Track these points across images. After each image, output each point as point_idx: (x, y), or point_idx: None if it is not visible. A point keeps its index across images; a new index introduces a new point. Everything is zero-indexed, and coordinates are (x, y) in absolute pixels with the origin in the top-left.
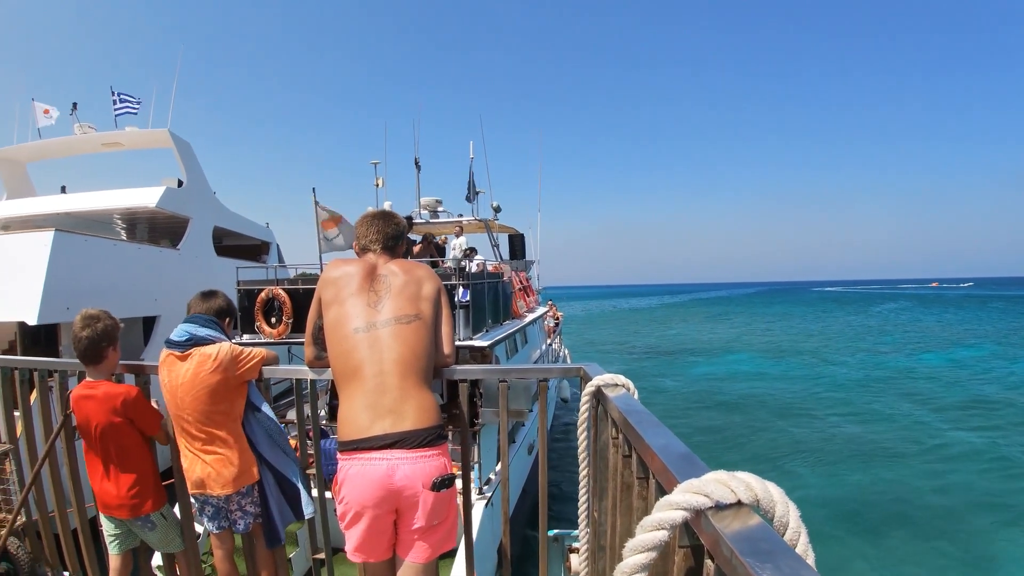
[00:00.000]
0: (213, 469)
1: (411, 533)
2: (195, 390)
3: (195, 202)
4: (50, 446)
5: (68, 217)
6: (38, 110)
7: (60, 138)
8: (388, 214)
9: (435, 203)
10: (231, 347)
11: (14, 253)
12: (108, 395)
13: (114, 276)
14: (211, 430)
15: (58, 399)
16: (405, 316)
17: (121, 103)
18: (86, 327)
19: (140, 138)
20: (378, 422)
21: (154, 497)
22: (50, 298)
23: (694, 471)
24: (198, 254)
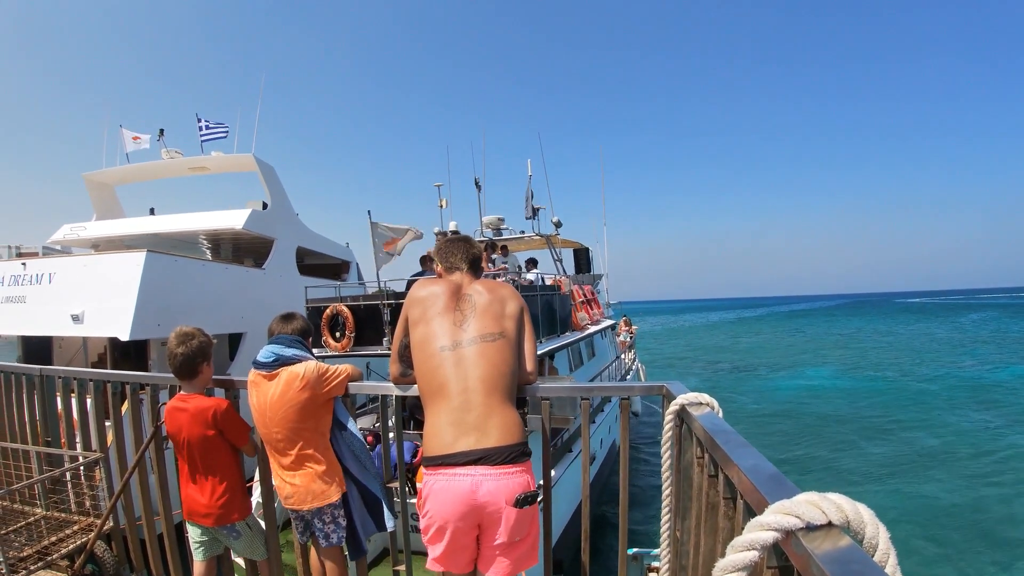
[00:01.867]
0: (302, 484)
1: (493, 549)
2: (284, 408)
3: (279, 223)
4: (140, 455)
5: (156, 238)
6: (126, 136)
7: (148, 162)
8: (469, 238)
9: (498, 221)
10: (317, 365)
11: (108, 272)
12: (200, 408)
13: (202, 294)
14: (300, 447)
15: (149, 411)
16: (490, 334)
17: (207, 129)
18: (181, 344)
19: (225, 162)
20: (462, 438)
21: (240, 507)
22: (142, 315)
23: (784, 492)
24: (282, 273)
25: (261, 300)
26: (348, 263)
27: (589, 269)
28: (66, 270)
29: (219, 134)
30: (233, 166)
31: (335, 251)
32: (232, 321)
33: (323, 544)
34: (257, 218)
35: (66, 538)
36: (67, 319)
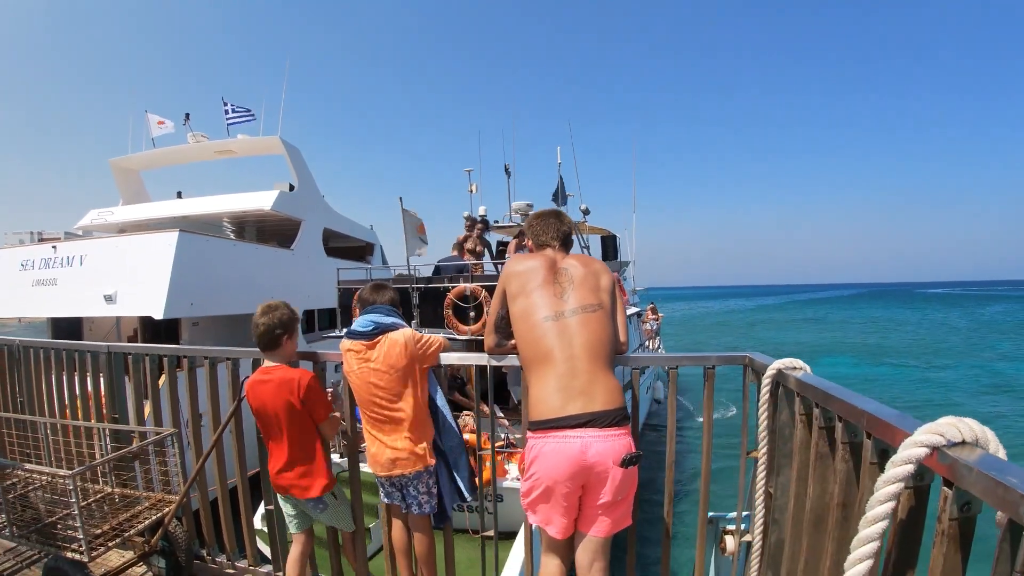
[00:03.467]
0: (403, 448)
1: (596, 508)
2: (387, 373)
3: (306, 205)
4: (222, 430)
5: (182, 221)
6: (152, 121)
7: (174, 147)
8: (560, 213)
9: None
10: (414, 332)
11: (141, 252)
12: (283, 380)
13: (232, 274)
14: (399, 413)
15: (228, 385)
16: (589, 306)
17: (233, 112)
18: (264, 315)
19: (252, 145)
20: (571, 403)
21: (325, 480)
22: (175, 294)
23: (912, 424)
24: (309, 254)
25: (289, 280)
26: (372, 245)
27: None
28: (97, 252)
29: (245, 118)
30: (259, 149)
31: (360, 233)
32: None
33: (416, 512)
34: (285, 200)
35: (138, 514)
36: (99, 300)
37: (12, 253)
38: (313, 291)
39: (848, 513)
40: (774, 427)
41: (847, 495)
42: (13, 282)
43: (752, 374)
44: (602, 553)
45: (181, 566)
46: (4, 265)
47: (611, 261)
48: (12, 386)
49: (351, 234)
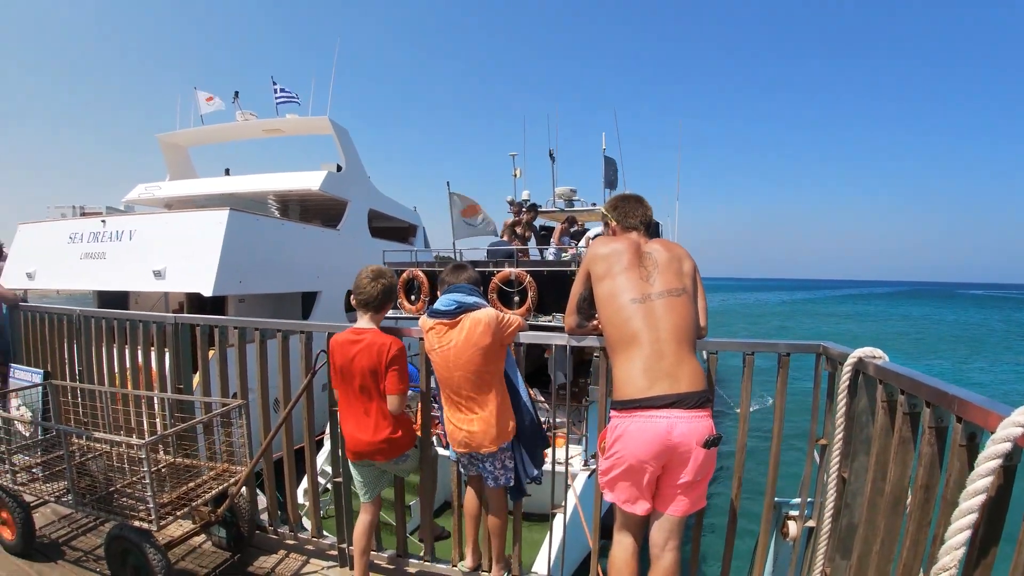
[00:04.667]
0: (480, 429)
1: (675, 487)
2: (469, 352)
3: (353, 185)
4: (295, 401)
5: (228, 198)
6: (200, 98)
7: (223, 124)
8: (642, 198)
9: (570, 192)
10: (496, 312)
11: (191, 229)
12: (375, 343)
13: (280, 253)
14: (480, 390)
15: (302, 356)
16: (675, 289)
17: (282, 92)
18: (376, 279)
19: (300, 125)
20: (657, 384)
21: (411, 435)
22: (224, 271)
23: (1005, 408)
24: (355, 234)
25: (335, 260)
26: (415, 227)
27: None
28: (147, 227)
29: (292, 99)
30: (308, 128)
31: (404, 214)
32: (307, 280)
33: (491, 485)
34: (332, 180)
35: (202, 484)
36: (148, 275)
37: (61, 226)
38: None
39: (930, 495)
40: (852, 414)
41: (931, 477)
42: (61, 254)
43: (826, 362)
44: (677, 532)
45: (243, 536)
46: (53, 237)
47: None
48: (72, 356)
49: (395, 215)
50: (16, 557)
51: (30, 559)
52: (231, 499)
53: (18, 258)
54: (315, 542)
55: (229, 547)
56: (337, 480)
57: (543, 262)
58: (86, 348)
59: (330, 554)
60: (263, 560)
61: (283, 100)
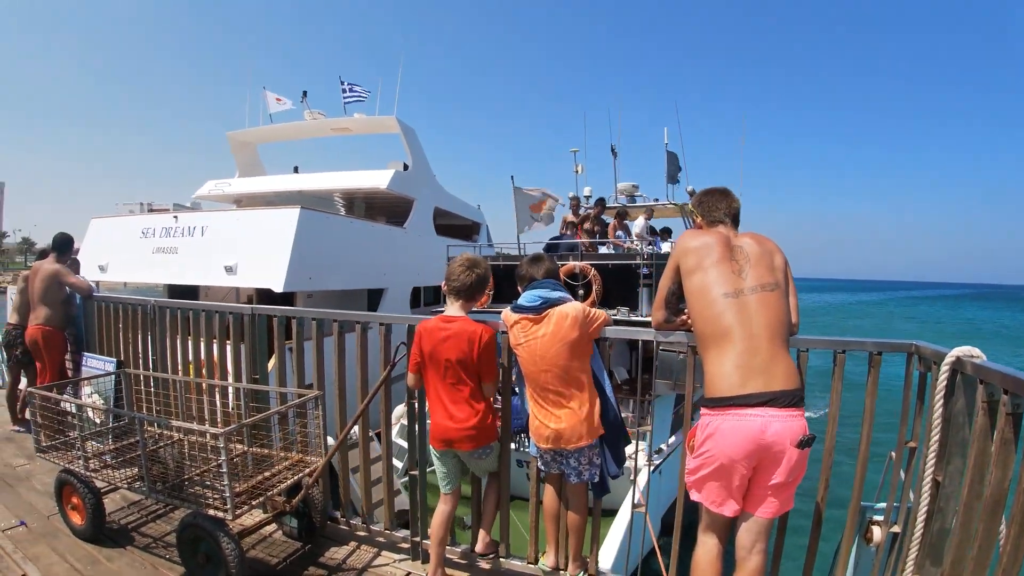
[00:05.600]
0: (567, 425)
1: (766, 488)
2: (556, 347)
3: (419, 184)
4: (374, 393)
5: (295, 195)
6: (270, 98)
7: (291, 123)
8: (728, 191)
9: (632, 188)
10: (582, 306)
11: (262, 226)
12: (465, 330)
13: (348, 250)
14: (568, 385)
15: (381, 348)
16: (768, 284)
17: (351, 92)
18: (471, 268)
19: (368, 124)
20: (751, 381)
21: (496, 425)
22: (295, 268)
23: None
24: (421, 232)
25: (401, 258)
26: (479, 224)
27: None
28: (218, 224)
29: (359, 97)
30: (375, 128)
31: (468, 212)
32: (374, 277)
33: (573, 481)
34: (400, 179)
35: (276, 474)
36: (219, 270)
37: (133, 221)
38: (423, 268)
39: None
40: (948, 415)
41: None
42: (133, 248)
43: (919, 362)
44: (765, 535)
45: (314, 526)
46: (125, 232)
47: None
48: (145, 346)
49: (460, 213)
50: (85, 542)
51: (99, 544)
52: (306, 490)
53: (90, 251)
54: (387, 534)
55: (300, 537)
56: (413, 473)
57: (608, 255)
58: (160, 338)
59: (402, 547)
60: (334, 551)
61: (351, 99)
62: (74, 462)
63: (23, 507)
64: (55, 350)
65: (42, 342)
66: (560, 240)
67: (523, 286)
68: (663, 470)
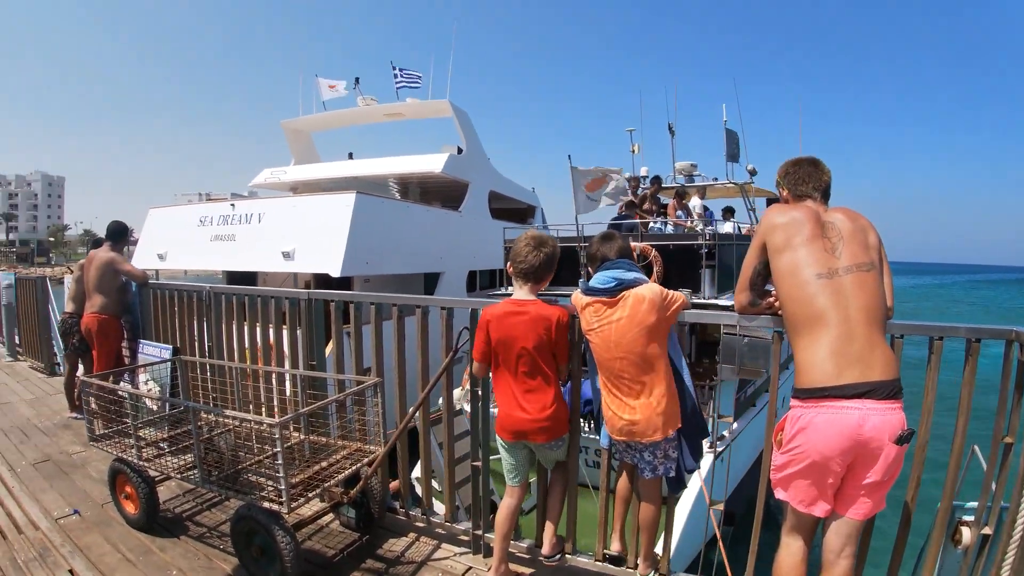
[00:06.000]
0: (642, 417)
1: (859, 487)
2: (632, 332)
3: (474, 167)
4: (438, 378)
5: (350, 181)
6: (323, 85)
7: (344, 110)
8: (818, 161)
9: (690, 167)
10: (659, 288)
11: (319, 212)
12: (542, 314)
13: (404, 234)
14: (644, 373)
15: (443, 333)
16: (864, 264)
17: (403, 77)
18: (538, 247)
19: (421, 108)
20: (847, 370)
21: (567, 415)
22: (352, 253)
23: None
24: (476, 216)
25: (457, 242)
26: (534, 208)
27: None
28: (275, 210)
29: (413, 82)
30: (428, 112)
31: (523, 195)
32: (431, 261)
33: (647, 476)
34: (454, 162)
35: (334, 464)
36: (277, 256)
37: (191, 209)
38: (478, 252)
39: None
40: None
41: None
42: (192, 237)
43: (1021, 350)
44: (855, 537)
45: (372, 517)
46: (184, 220)
47: None
48: (200, 332)
49: (515, 196)
50: (139, 531)
51: (152, 534)
52: (365, 481)
53: (149, 240)
54: (448, 526)
55: (357, 527)
56: (476, 464)
57: (669, 236)
58: (215, 325)
59: (462, 539)
60: (392, 542)
61: (404, 84)
62: (127, 451)
63: (78, 495)
64: (110, 338)
65: (97, 330)
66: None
67: (594, 267)
68: (724, 457)
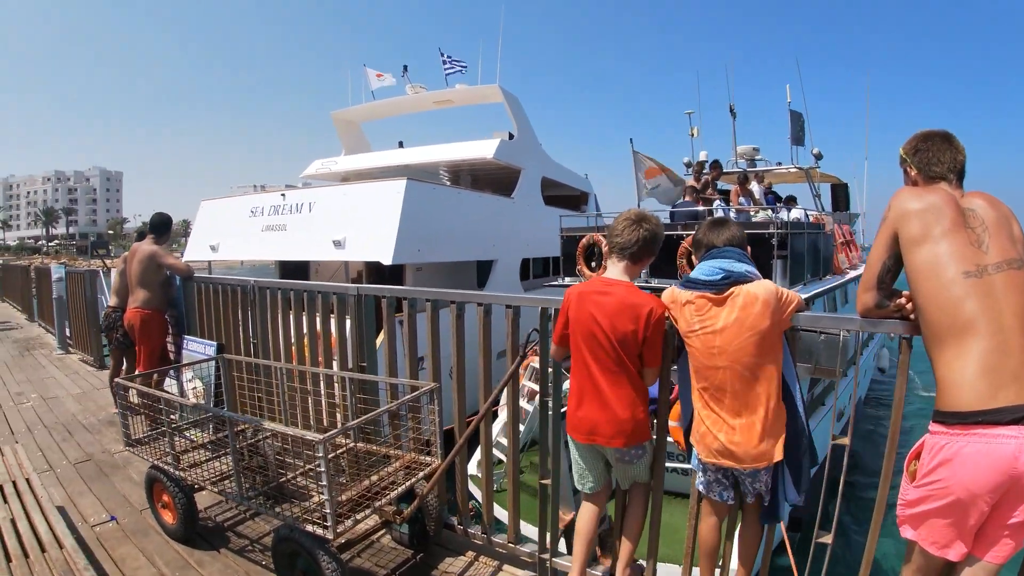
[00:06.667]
0: (743, 440)
1: (1003, 527)
2: (741, 337)
3: (525, 153)
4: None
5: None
6: (370, 75)
7: (393, 98)
8: (951, 137)
9: (752, 151)
10: (775, 285)
11: (369, 199)
12: (631, 302)
13: (456, 221)
14: (750, 389)
15: (509, 333)
16: (1014, 260)
17: (451, 62)
18: (641, 222)
19: (470, 94)
20: (1003, 390)
21: (649, 426)
22: (403, 240)
23: None
24: (529, 203)
25: (510, 229)
26: (587, 194)
27: (847, 207)
28: (325, 199)
29: (459, 69)
30: (478, 97)
31: (576, 182)
32: (484, 249)
33: (749, 500)
34: (506, 148)
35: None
36: (328, 245)
37: (242, 200)
38: (532, 239)
39: None
40: None
41: None
42: (243, 227)
43: None
44: None
45: (427, 534)
46: (235, 211)
47: (841, 212)
48: (246, 328)
49: (567, 183)
50: (177, 542)
51: (191, 545)
52: (420, 499)
53: (201, 232)
54: (511, 548)
55: (411, 544)
56: (544, 482)
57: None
58: (261, 320)
59: (526, 561)
60: (449, 562)
61: (451, 70)
62: (163, 458)
63: (116, 499)
64: (153, 333)
65: (139, 325)
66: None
67: (699, 255)
68: None
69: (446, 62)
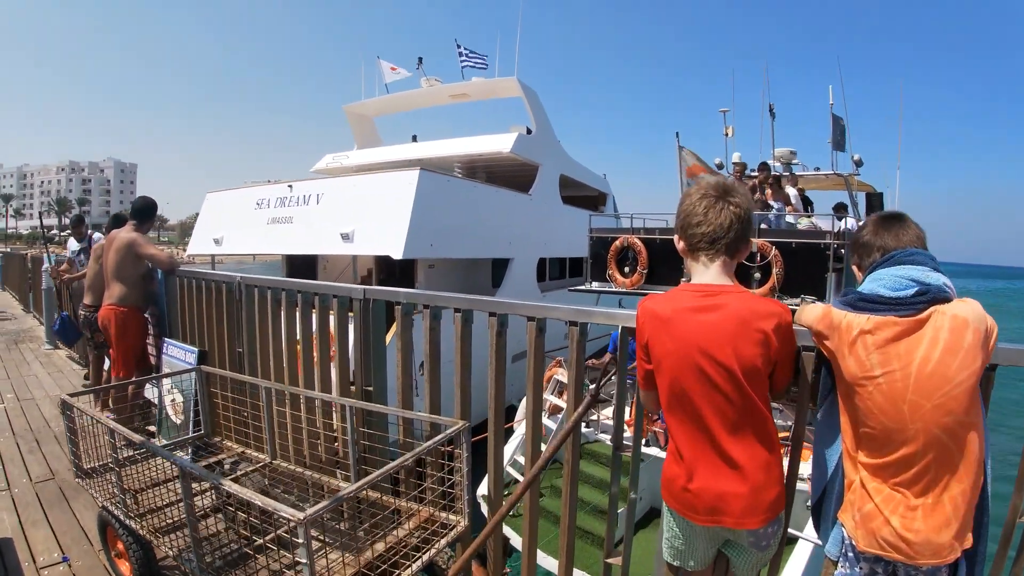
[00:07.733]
0: (927, 527)
1: None
2: (948, 386)
3: (543, 149)
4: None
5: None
6: (384, 67)
7: (407, 92)
8: None
9: (789, 155)
10: (980, 306)
11: (380, 191)
12: (752, 309)
13: (471, 216)
14: (950, 456)
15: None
16: None
17: (468, 54)
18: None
19: (487, 88)
20: None
21: (780, 491)
22: (415, 234)
23: None
24: (546, 201)
25: (526, 226)
26: (606, 195)
27: None
28: (334, 190)
29: (479, 62)
30: (495, 91)
31: (594, 182)
32: (500, 246)
33: None
34: (523, 142)
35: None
36: (336, 238)
37: (247, 192)
38: (549, 239)
39: None
40: None
41: None
42: (249, 220)
43: None
44: None
45: None
46: (241, 204)
47: None
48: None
49: (586, 182)
50: None
51: None
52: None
53: (205, 225)
54: None
55: None
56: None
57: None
58: (248, 325)
59: None
60: None
61: (468, 64)
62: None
63: (74, 533)
64: (130, 334)
65: (115, 325)
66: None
67: (865, 264)
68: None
69: (462, 55)
